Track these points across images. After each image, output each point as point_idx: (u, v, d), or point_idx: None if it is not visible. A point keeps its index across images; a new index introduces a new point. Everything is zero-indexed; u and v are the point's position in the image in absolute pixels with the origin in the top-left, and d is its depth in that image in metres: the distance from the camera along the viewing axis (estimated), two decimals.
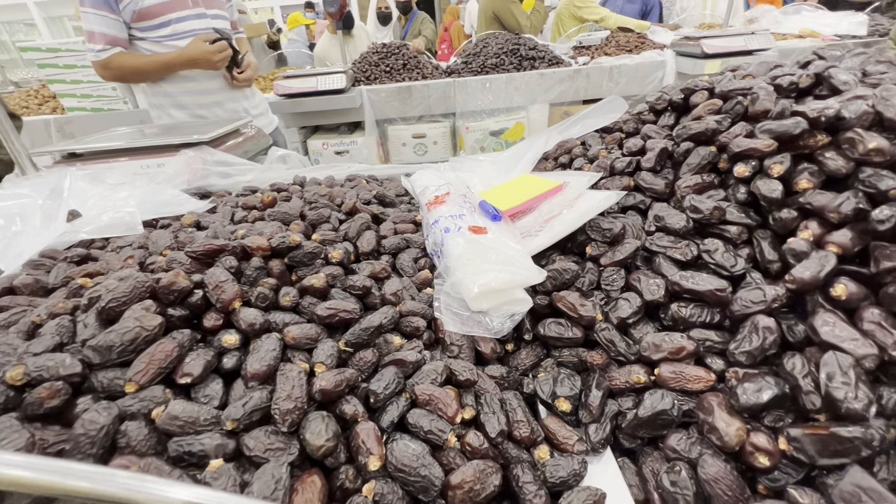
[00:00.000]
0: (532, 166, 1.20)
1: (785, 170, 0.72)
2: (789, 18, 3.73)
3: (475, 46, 4.26)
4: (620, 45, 3.97)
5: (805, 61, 0.95)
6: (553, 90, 3.88)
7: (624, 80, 3.59)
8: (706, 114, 0.91)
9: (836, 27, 3.40)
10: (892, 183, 0.62)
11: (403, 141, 4.03)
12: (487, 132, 3.96)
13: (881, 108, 0.68)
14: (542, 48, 4.05)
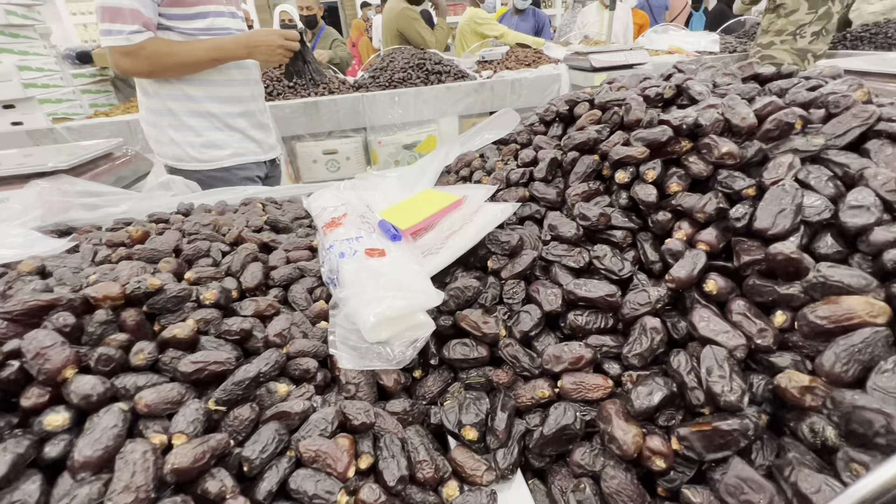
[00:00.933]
0: (434, 181, 1.18)
1: (657, 175, 0.77)
2: (660, 37, 4.21)
3: (382, 61, 4.25)
4: (520, 60, 4.19)
5: (668, 74, 1.04)
6: (461, 103, 3.97)
7: (525, 92, 3.79)
8: (588, 124, 0.96)
9: (696, 44, 3.90)
10: (744, 183, 0.68)
11: (314, 158, 3.87)
12: (400, 146, 3.94)
13: (728, 115, 0.75)
14: (447, 62, 4.14)
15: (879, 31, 3.28)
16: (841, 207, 0.61)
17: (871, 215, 0.58)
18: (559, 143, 0.98)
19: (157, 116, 1.68)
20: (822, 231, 0.62)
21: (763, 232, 0.63)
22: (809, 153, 0.68)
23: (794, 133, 0.72)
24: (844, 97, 0.72)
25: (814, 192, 0.65)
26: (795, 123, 0.71)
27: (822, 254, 0.60)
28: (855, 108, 0.69)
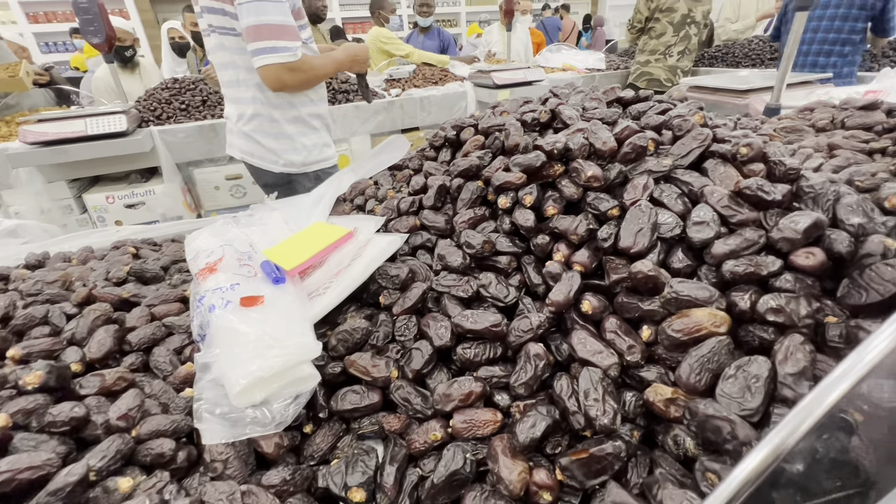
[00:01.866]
0: (328, 211, 1.13)
1: (535, 199, 0.79)
2: (554, 55, 4.54)
3: None
4: (427, 78, 4.27)
5: (544, 98, 1.09)
6: (371, 121, 3.93)
7: (434, 110, 3.85)
8: (473, 149, 0.97)
9: (585, 62, 4.25)
10: (608, 205, 0.73)
11: (215, 184, 3.58)
12: None
13: (592, 139, 0.80)
14: (354, 81, 4.09)
15: (729, 51, 3.83)
16: (688, 224, 0.67)
17: (710, 230, 0.64)
18: (448, 169, 0.98)
19: (294, 126, 1.73)
20: (675, 246, 0.68)
21: (627, 250, 0.67)
22: (661, 173, 0.74)
23: (648, 154, 0.79)
24: (685, 121, 0.79)
25: (667, 210, 0.70)
26: (648, 146, 0.77)
27: (675, 268, 0.65)
28: (694, 130, 0.77)
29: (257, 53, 1.44)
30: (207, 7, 1.53)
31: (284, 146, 1.75)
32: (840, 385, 0.34)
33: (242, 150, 1.80)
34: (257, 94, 1.64)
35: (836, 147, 1.29)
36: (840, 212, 0.63)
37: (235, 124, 1.76)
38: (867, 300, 0.55)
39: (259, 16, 1.39)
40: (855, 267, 0.58)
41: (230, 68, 1.64)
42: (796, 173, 0.69)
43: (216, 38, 1.60)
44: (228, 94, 1.75)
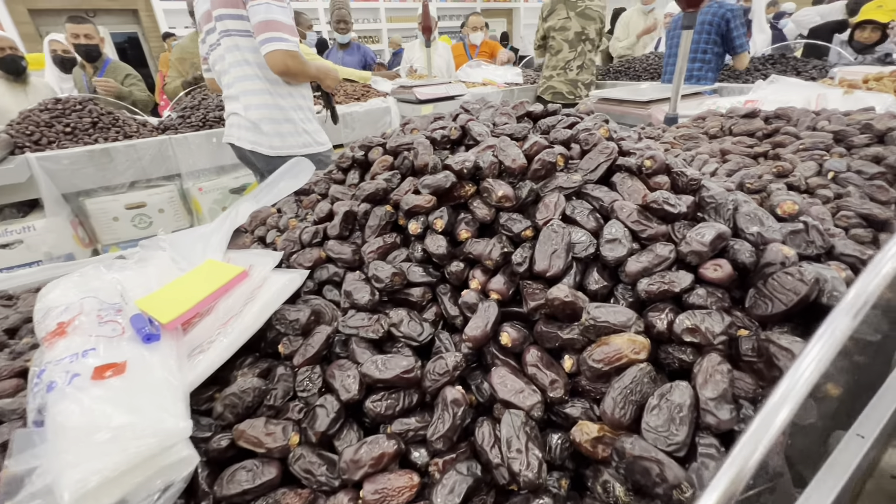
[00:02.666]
0: (225, 246, 0.99)
1: (446, 223, 0.73)
2: (474, 71, 4.64)
3: (192, 99, 3.77)
4: (349, 94, 4.16)
5: (455, 114, 1.05)
6: None
7: (358, 125, 3.75)
8: (381, 170, 0.90)
9: (504, 77, 4.39)
10: (521, 226, 0.68)
11: (114, 215, 3.19)
12: (227, 191, 3.51)
13: (501, 157, 0.76)
14: None
15: (630, 65, 4.15)
16: (601, 242, 0.64)
17: (623, 248, 0.62)
18: (356, 193, 0.90)
19: (296, 113, 2.03)
20: (591, 265, 0.65)
21: (542, 274, 0.63)
22: (572, 189, 0.71)
23: (558, 170, 0.76)
24: (591, 135, 0.78)
25: (580, 228, 0.67)
26: (557, 162, 0.74)
27: (592, 290, 0.62)
28: (600, 144, 0.76)
29: (265, 42, 1.75)
30: (225, 14, 1.82)
31: (289, 130, 2.03)
32: (772, 428, 0.31)
33: (251, 141, 2.03)
34: (267, 86, 1.94)
35: (727, 152, 1.38)
36: (740, 221, 0.63)
37: (245, 115, 1.99)
38: (773, 310, 0.55)
39: (268, 14, 1.73)
40: (759, 276, 0.58)
41: (242, 65, 1.91)
42: (697, 183, 0.70)
43: (231, 41, 1.86)
44: (236, 89, 1.97)
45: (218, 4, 1.82)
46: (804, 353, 0.34)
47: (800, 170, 1.10)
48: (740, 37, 2.90)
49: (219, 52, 1.95)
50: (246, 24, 1.81)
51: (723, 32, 2.90)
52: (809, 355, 0.34)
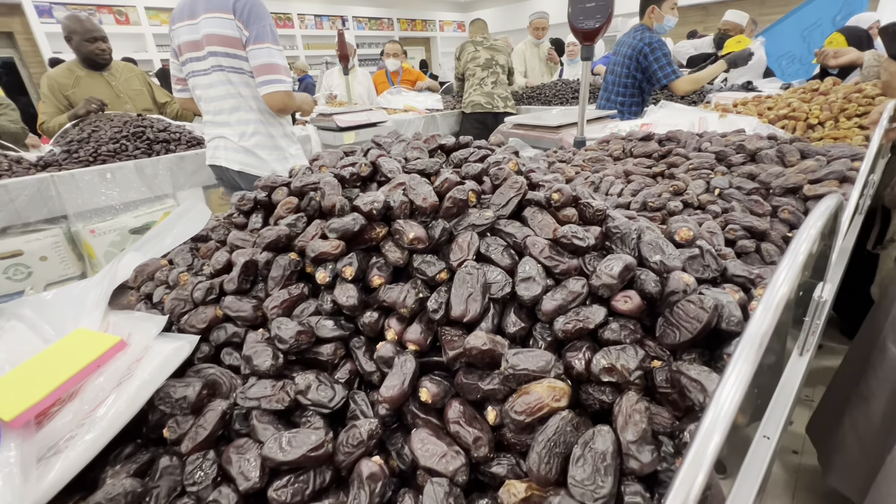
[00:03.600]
0: (103, 308, 0.85)
1: (356, 269, 0.68)
2: (395, 97, 4.68)
3: (80, 131, 3.37)
4: None
5: (367, 148, 1.01)
6: (203, 172, 3.47)
7: None
8: (286, 213, 0.83)
9: (425, 104, 4.46)
10: (436, 268, 0.65)
11: None
12: (126, 231, 3.14)
13: (412, 196, 0.73)
14: (176, 129, 3.59)
15: (542, 91, 4.43)
16: (516, 280, 0.63)
17: (537, 285, 0.61)
18: (257, 241, 0.81)
19: (283, 140, 2.27)
20: (508, 305, 0.63)
21: (459, 319, 0.60)
22: (484, 226, 0.70)
23: (471, 206, 0.74)
24: (500, 169, 0.78)
25: (495, 266, 0.66)
26: (469, 198, 0.73)
27: (511, 333, 0.60)
28: (510, 179, 0.76)
29: (267, 83, 1.99)
30: (220, 52, 1.99)
31: (277, 156, 2.25)
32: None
33: (241, 163, 2.21)
34: (260, 117, 2.15)
35: (630, 173, 1.48)
36: (644, 250, 0.65)
37: (237, 142, 2.18)
38: (680, 338, 0.56)
39: (269, 58, 1.97)
40: (665, 304, 0.60)
41: (236, 97, 2.10)
42: (603, 214, 0.72)
43: (223, 75, 2.04)
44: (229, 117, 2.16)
45: (215, 42, 1.97)
46: (721, 386, 0.34)
47: (692, 188, 1.20)
48: (662, 68, 2.90)
49: (207, 81, 2.10)
50: (241, 63, 2.02)
51: (643, 67, 2.96)
52: (725, 390, 0.34)
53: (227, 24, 1.94)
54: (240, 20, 1.93)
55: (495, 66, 4.06)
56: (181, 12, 2.08)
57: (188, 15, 2.03)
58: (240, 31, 1.94)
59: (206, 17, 1.96)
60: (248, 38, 1.94)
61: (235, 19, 1.93)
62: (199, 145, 3.54)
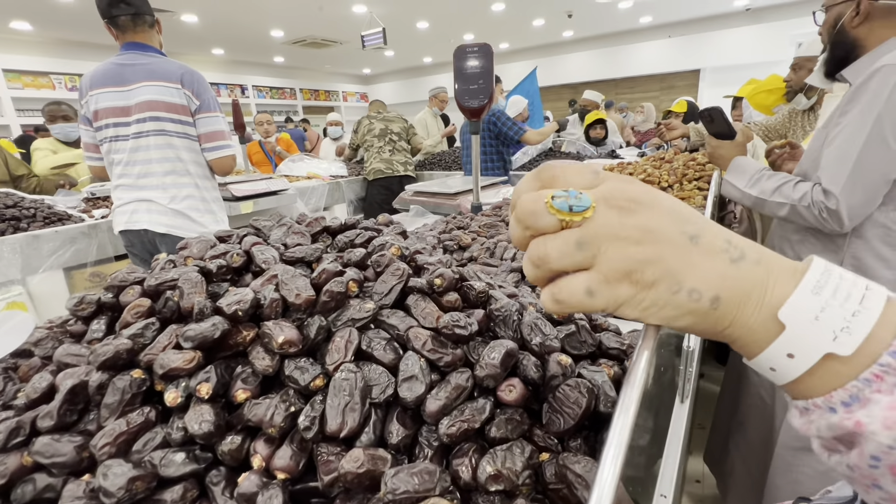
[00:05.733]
0: None
1: (215, 385, 0.58)
2: (297, 165, 4.61)
3: None
4: None
5: (243, 234, 0.94)
6: (65, 252, 3.01)
7: None
8: (134, 319, 0.70)
9: (329, 170, 4.46)
10: (309, 376, 0.58)
11: None
12: None
13: (284, 292, 0.67)
14: (31, 204, 3.11)
15: (442, 158, 4.70)
16: (398, 380, 0.58)
17: (420, 384, 0.57)
18: (90, 358, 0.68)
19: (216, 204, 2.42)
20: (392, 410, 0.58)
21: (335, 435, 0.53)
22: (365, 319, 0.66)
23: (353, 296, 0.70)
24: (382, 256, 0.76)
25: (377, 364, 0.61)
26: (349, 290, 0.69)
27: (394, 443, 0.54)
28: (392, 266, 0.73)
29: (216, 149, 2.22)
30: (165, 117, 2.10)
31: (209, 220, 2.34)
32: None
33: (168, 225, 2.23)
34: (195, 181, 2.26)
35: None
36: (524, 332, 0.66)
37: (167, 205, 2.21)
38: (565, 425, 0.55)
39: (216, 125, 2.20)
40: (548, 389, 0.59)
41: (174, 161, 2.19)
42: (486, 296, 0.72)
43: (164, 139, 2.14)
44: (160, 180, 2.20)
45: (159, 108, 2.10)
46: (598, 476, 0.32)
47: None
48: (511, 128, 3.61)
49: (134, 145, 2.16)
50: (186, 129, 2.17)
51: (496, 133, 3.66)
52: (603, 476, 0.33)
53: (174, 93, 2.10)
54: (188, 90, 2.13)
55: (391, 135, 4.35)
56: (102, 79, 2.12)
57: (114, 82, 2.11)
58: (188, 99, 2.13)
59: (147, 86, 2.09)
60: (199, 107, 2.15)
61: (183, 89, 2.12)
62: (59, 221, 3.09)
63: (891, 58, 1.29)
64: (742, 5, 9.97)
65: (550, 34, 12.04)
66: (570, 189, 0.35)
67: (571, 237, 0.34)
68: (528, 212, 0.35)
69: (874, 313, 0.30)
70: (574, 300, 0.35)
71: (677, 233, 0.34)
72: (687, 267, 0.34)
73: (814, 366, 0.32)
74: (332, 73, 15.38)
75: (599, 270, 0.34)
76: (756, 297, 0.34)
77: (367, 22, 8.77)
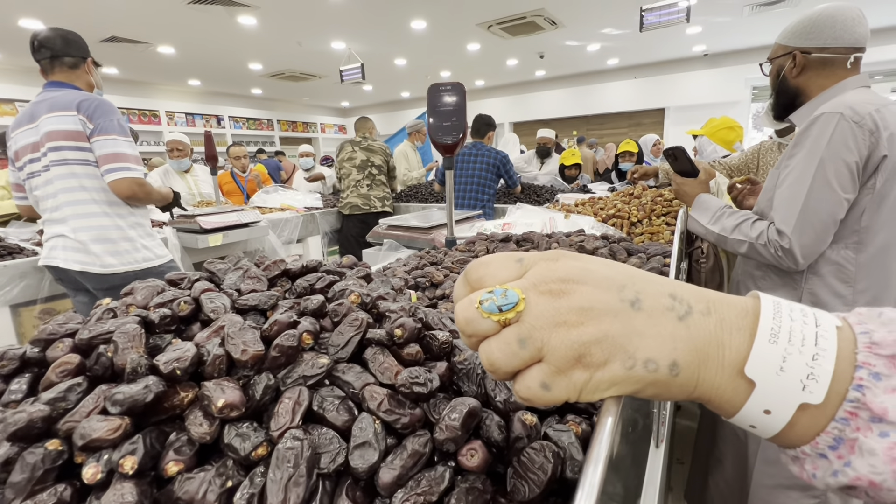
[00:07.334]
0: None
1: (142, 458, 0.52)
2: (271, 196, 4.54)
3: None
4: None
5: (195, 278, 0.88)
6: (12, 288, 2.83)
7: None
8: (60, 378, 0.63)
9: (304, 202, 4.41)
10: (250, 444, 0.53)
11: None
12: None
13: (229, 347, 0.62)
14: None
15: (419, 190, 4.72)
16: (350, 446, 0.53)
17: (374, 452, 0.52)
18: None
19: (134, 230, 2.29)
20: (342, 481, 0.53)
21: None
22: (318, 377, 0.61)
23: (307, 349, 0.66)
24: (340, 304, 0.72)
25: (329, 427, 0.56)
26: (303, 342, 0.64)
27: None
28: (350, 315, 0.70)
29: (111, 171, 2.10)
30: (64, 146, 2.07)
31: (127, 248, 2.24)
32: None
33: (80, 262, 2.17)
34: (104, 209, 2.17)
35: None
36: (489, 386, 0.62)
37: (74, 237, 2.14)
38: (530, 494, 0.51)
39: (115, 148, 2.10)
40: (512, 452, 0.56)
41: (76, 191, 2.12)
42: (449, 346, 0.69)
43: (67, 169, 2.11)
44: (64, 213, 2.13)
45: (58, 137, 2.06)
46: None
47: None
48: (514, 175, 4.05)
49: (46, 178, 2.13)
50: (86, 155, 2.11)
51: (501, 173, 3.98)
52: None
53: (69, 120, 2.07)
54: (84, 115, 2.09)
55: (371, 168, 4.26)
56: (20, 120, 2.18)
57: (27, 120, 2.15)
58: (83, 124, 2.09)
59: (48, 117, 2.08)
60: (93, 130, 2.09)
61: (79, 115, 2.08)
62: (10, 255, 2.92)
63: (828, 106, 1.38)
64: (700, 51, 10.71)
65: (524, 73, 12.58)
66: (496, 288, 0.34)
67: (512, 336, 0.33)
68: (464, 320, 0.35)
69: (831, 353, 0.30)
70: (534, 396, 0.34)
71: (616, 302, 0.33)
72: (635, 338, 0.32)
73: (791, 417, 0.31)
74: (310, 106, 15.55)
75: (549, 362, 0.33)
76: (714, 354, 0.33)
77: (346, 57, 8.97)
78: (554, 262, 0.35)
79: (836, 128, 1.33)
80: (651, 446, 1.04)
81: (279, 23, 7.38)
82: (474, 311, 0.34)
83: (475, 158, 3.96)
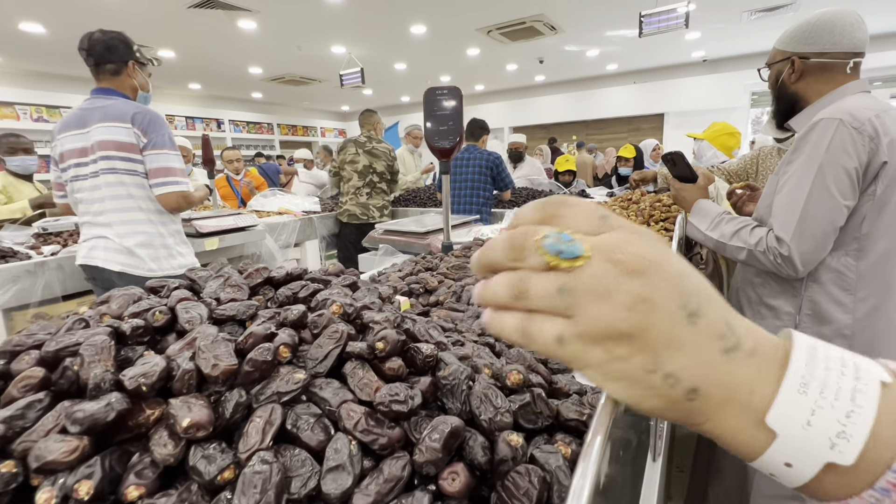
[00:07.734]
0: None
1: (98, 483, 0.49)
2: (269, 200, 4.52)
3: None
4: None
5: (175, 285, 0.85)
6: (5, 292, 2.80)
7: None
8: (22, 394, 0.60)
9: (301, 206, 4.38)
10: (215, 468, 0.49)
11: None
12: None
13: (200, 361, 0.58)
14: None
15: (418, 194, 4.70)
16: (323, 469, 0.50)
17: (348, 476, 0.49)
18: None
19: (172, 238, 2.44)
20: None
21: None
22: (293, 393, 0.58)
23: (284, 363, 0.62)
24: (320, 315, 0.69)
25: (303, 447, 0.53)
26: (279, 356, 0.61)
27: None
28: (330, 327, 0.66)
29: (161, 185, 2.25)
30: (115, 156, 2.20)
31: (164, 254, 2.38)
32: None
33: (122, 263, 2.29)
34: (148, 217, 2.31)
35: None
36: (473, 404, 0.59)
37: (118, 241, 2.28)
38: None
39: (165, 162, 2.25)
40: (497, 475, 0.52)
41: (124, 199, 2.27)
42: (434, 360, 0.65)
43: (116, 177, 2.23)
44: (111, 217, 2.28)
45: (110, 147, 2.18)
46: None
47: None
48: (507, 177, 3.98)
49: (92, 183, 2.25)
50: (135, 166, 2.23)
51: (494, 175, 3.93)
52: None
53: (123, 132, 2.17)
54: (138, 128, 2.19)
55: (373, 175, 4.17)
56: (68, 124, 2.27)
57: (76, 126, 2.24)
58: (137, 137, 2.19)
59: (100, 126, 2.18)
60: (147, 144, 2.20)
61: (133, 128, 2.18)
62: (3, 258, 2.90)
63: (827, 112, 1.35)
64: (699, 56, 10.73)
65: (523, 78, 12.61)
66: (565, 232, 0.31)
67: (556, 281, 0.31)
68: (517, 245, 0.32)
69: (870, 411, 0.27)
70: (541, 341, 0.32)
71: (676, 307, 0.30)
72: (671, 348, 0.29)
73: (817, 474, 0.28)
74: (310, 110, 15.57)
75: (577, 324, 0.30)
76: (741, 398, 0.30)
77: (346, 62, 8.98)
78: (636, 237, 0.31)
79: (836, 134, 1.30)
80: (648, 460, 1.01)
81: (279, 27, 7.40)
82: (532, 241, 0.31)
83: (469, 162, 3.95)
